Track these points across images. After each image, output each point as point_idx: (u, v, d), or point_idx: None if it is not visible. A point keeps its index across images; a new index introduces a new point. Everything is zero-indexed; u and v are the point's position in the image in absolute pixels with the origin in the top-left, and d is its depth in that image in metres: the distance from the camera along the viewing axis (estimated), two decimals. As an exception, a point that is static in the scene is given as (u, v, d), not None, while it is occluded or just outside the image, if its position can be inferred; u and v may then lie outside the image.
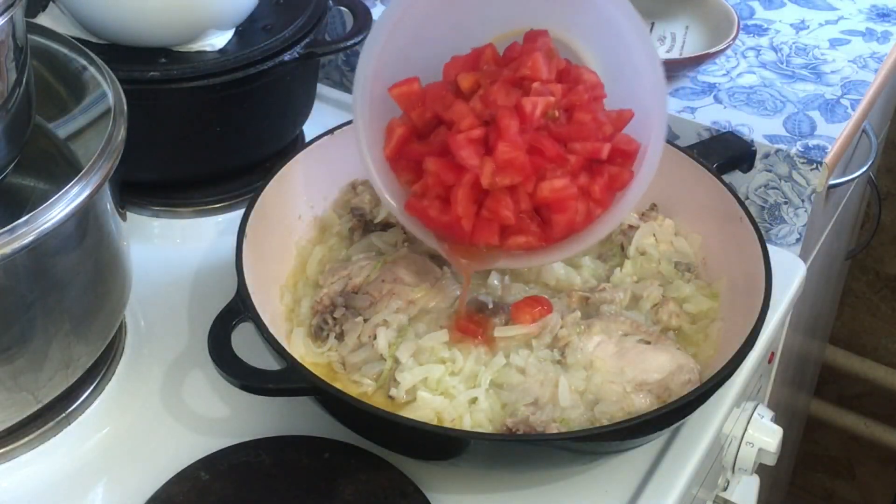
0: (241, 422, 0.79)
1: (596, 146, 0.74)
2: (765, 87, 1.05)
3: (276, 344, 0.72)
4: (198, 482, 0.74)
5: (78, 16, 0.90)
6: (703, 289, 0.85)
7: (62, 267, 0.70)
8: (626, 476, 0.77)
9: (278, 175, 0.85)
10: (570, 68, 0.77)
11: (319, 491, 0.73)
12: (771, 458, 0.91)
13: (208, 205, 0.99)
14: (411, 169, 0.78)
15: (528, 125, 0.73)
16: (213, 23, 0.90)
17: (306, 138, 1.04)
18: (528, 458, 0.72)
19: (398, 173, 0.79)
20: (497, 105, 0.73)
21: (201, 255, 0.94)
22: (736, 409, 0.86)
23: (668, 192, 0.90)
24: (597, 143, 0.75)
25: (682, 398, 0.72)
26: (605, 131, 0.76)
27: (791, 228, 1.01)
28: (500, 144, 0.72)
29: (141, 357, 0.85)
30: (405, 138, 0.78)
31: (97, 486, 0.76)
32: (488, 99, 0.74)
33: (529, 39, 0.77)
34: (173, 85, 0.88)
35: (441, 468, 0.76)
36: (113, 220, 0.76)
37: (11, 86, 0.69)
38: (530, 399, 0.74)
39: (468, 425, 0.73)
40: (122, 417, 0.80)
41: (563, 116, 0.75)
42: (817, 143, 0.97)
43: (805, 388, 1.74)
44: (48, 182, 0.78)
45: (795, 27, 1.15)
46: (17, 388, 0.72)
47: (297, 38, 0.93)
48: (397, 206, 0.79)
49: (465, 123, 0.74)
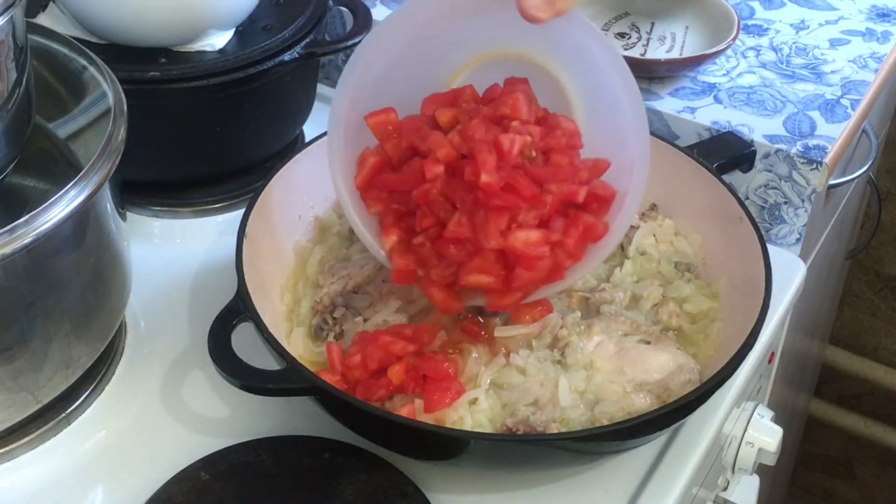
0: (241, 422, 0.79)
1: (572, 188, 0.73)
2: (765, 87, 1.05)
3: (276, 344, 0.72)
4: (198, 482, 0.74)
5: (78, 16, 0.90)
6: (703, 289, 0.85)
7: (62, 267, 0.70)
8: (626, 476, 0.77)
9: (278, 175, 0.85)
10: (548, 116, 0.77)
11: (319, 491, 0.73)
12: (771, 458, 0.91)
13: (208, 205, 0.99)
14: (380, 200, 0.77)
15: (504, 162, 0.71)
16: (213, 23, 0.90)
17: (306, 138, 1.04)
18: (528, 458, 0.72)
19: (367, 203, 0.78)
20: (475, 139, 0.72)
21: (201, 255, 0.94)
22: (736, 409, 0.86)
23: (668, 192, 0.90)
24: (573, 185, 0.74)
25: (682, 398, 0.72)
26: (582, 177, 0.75)
27: (791, 228, 1.01)
28: (483, 175, 0.70)
29: (141, 357, 0.85)
30: (377, 168, 0.77)
31: (97, 486, 0.76)
32: (466, 133, 0.73)
33: (510, 83, 0.77)
34: (173, 85, 0.88)
35: (441, 468, 0.76)
36: (113, 220, 0.76)
37: (11, 86, 0.69)
38: (530, 399, 0.74)
39: (468, 425, 0.73)
40: (122, 417, 0.80)
41: (539, 158, 0.74)
42: (817, 143, 0.97)
43: (805, 388, 1.74)
44: (48, 182, 0.78)
45: (795, 27, 1.15)
46: (17, 388, 0.72)
47: (297, 38, 0.93)
48: (368, 234, 0.78)
49: (441, 153, 0.73)
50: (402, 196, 0.76)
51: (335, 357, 0.75)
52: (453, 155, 0.73)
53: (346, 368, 0.75)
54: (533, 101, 0.76)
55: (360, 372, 0.74)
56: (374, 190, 0.77)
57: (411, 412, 0.72)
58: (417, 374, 0.73)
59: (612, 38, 1.08)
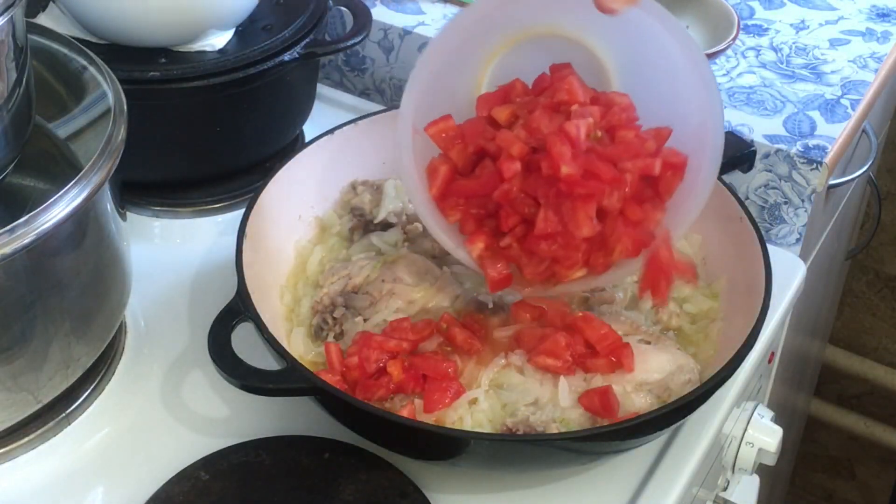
0: (241, 422, 0.79)
1: (647, 162, 0.73)
2: (765, 87, 1.05)
3: (276, 344, 0.72)
4: (198, 482, 0.74)
5: (78, 16, 0.90)
6: (703, 289, 0.85)
7: (62, 267, 0.70)
8: (626, 476, 0.77)
9: (278, 175, 0.85)
10: (599, 95, 0.77)
11: (319, 491, 0.73)
12: (771, 458, 0.91)
13: (208, 205, 0.98)
14: (458, 207, 0.77)
15: (576, 149, 0.71)
16: (213, 23, 0.90)
17: (306, 138, 1.04)
18: (528, 458, 0.72)
19: (446, 213, 0.77)
20: (543, 132, 0.72)
21: (201, 255, 0.94)
22: (736, 409, 0.86)
23: (668, 192, 0.90)
24: (647, 159, 0.73)
25: (682, 398, 0.72)
26: (650, 148, 0.74)
27: (791, 228, 1.01)
28: (563, 168, 0.70)
29: (141, 357, 0.85)
30: (450, 176, 0.76)
31: (97, 486, 0.76)
32: (532, 126, 0.73)
33: (557, 69, 0.76)
34: (173, 85, 0.88)
35: (441, 468, 0.76)
36: (113, 220, 0.76)
37: (11, 86, 0.69)
38: (530, 399, 0.74)
39: (468, 425, 0.73)
40: (122, 417, 0.80)
41: (605, 138, 0.74)
42: (817, 143, 0.97)
43: (805, 388, 1.74)
44: (48, 182, 0.78)
45: (795, 27, 1.15)
46: (17, 388, 0.72)
47: (297, 38, 0.93)
48: (452, 244, 0.78)
49: (514, 150, 0.72)
50: (480, 200, 0.76)
51: (334, 357, 0.75)
52: (526, 150, 0.72)
53: (345, 369, 0.75)
54: (583, 83, 0.76)
55: (358, 373, 0.74)
56: (452, 198, 0.77)
57: (411, 412, 0.72)
58: (417, 374, 0.73)
59: (612, 38, 1.08)
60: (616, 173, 0.72)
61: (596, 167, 0.71)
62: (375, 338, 0.74)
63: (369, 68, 1.16)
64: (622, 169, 0.73)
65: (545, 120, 0.73)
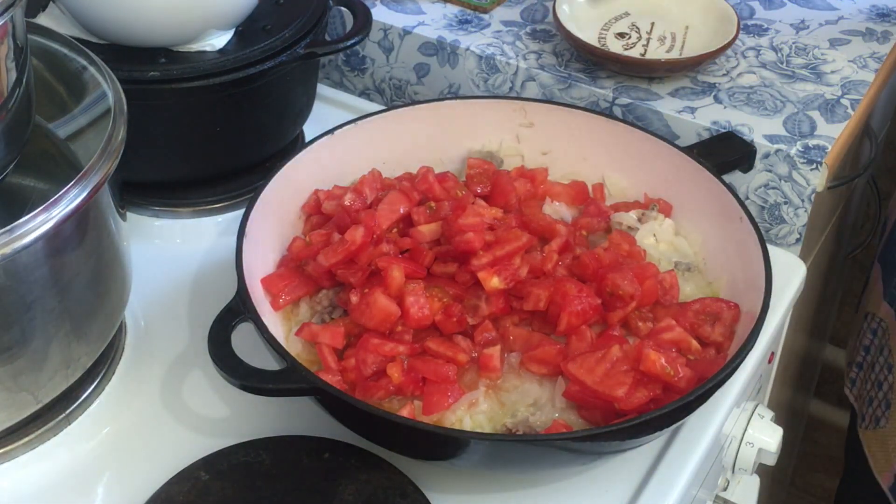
0: (241, 422, 0.79)
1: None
2: (765, 87, 1.05)
3: (276, 344, 0.72)
4: (198, 482, 0.74)
5: (78, 16, 0.90)
6: (703, 288, 0.85)
7: (62, 267, 0.70)
8: (626, 476, 0.77)
9: (278, 175, 0.85)
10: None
11: (319, 491, 0.73)
12: (771, 458, 0.91)
13: (208, 205, 0.99)
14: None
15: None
16: (213, 23, 0.90)
17: (306, 138, 1.04)
18: (528, 459, 0.72)
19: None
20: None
21: (201, 255, 0.94)
22: (736, 409, 0.86)
23: (669, 192, 0.90)
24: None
25: (683, 398, 0.72)
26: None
27: (791, 228, 1.01)
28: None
29: (141, 357, 0.85)
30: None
31: (97, 486, 0.76)
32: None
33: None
34: (173, 85, 0.88)
35: (441, 468, 0.76)
36: (113, 220, 0.76)
37: (11, 86, 0.69)
38: (530, 400, 0.74)
39: (468, 426, 0.73)
40: (122, 417, 0.80)
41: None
42: (817, 143, 0.97)
43: (805, 388, 1.74)
44: (48, 182, 0.78)
45: (795, 27, 1.15)
46: (17, 388, 0.72)
47: (297, 38, 0.93)
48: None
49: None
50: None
51: (328, 358, 0.75)
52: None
53: (343, 370, 0.75)
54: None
55: (355, 375, 0.74)
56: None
57: (411, 412, 0.72)
58: (417, 376, 0.73)
59: (612, 38, 1.08)
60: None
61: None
62: (372, 340, 0.74)
63: (369, 68, 1.16)
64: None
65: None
